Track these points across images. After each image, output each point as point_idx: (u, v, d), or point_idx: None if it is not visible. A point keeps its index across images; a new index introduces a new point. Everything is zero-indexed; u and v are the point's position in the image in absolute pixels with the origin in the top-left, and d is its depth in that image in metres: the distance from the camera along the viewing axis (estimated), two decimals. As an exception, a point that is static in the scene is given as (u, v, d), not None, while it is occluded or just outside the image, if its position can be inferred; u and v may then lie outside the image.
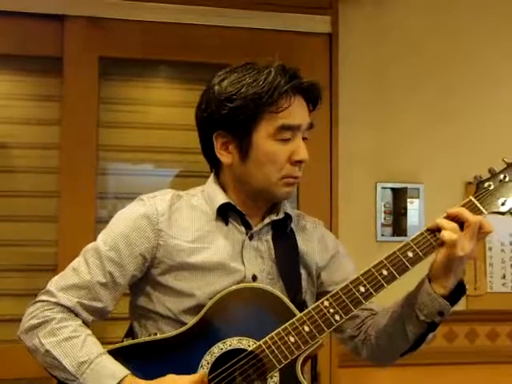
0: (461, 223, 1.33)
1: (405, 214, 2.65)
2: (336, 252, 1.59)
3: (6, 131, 2.52)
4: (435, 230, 1.35)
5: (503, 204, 1.36)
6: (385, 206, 2.69)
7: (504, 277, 2.75)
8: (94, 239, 1.45)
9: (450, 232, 1.31)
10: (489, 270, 2.74)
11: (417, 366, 2.62)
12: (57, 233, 2.47)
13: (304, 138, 1.44)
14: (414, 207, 2.65)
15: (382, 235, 2.66)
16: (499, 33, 2.82)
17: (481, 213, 1.36)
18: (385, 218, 2.68)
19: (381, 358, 1.54)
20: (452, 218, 1.34)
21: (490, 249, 2.74)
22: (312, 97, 1.46)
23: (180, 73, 2.70)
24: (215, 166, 1.51)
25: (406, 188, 2.67)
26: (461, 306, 2.63)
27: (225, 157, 1.44)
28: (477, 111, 2.76)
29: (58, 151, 2.50)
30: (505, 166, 1.38)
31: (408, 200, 2.66)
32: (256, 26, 2.58)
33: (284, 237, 1.51)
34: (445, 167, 2.68)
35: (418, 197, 2.67)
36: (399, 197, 2.69)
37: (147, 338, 1.39)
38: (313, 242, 1.56)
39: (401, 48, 2.74)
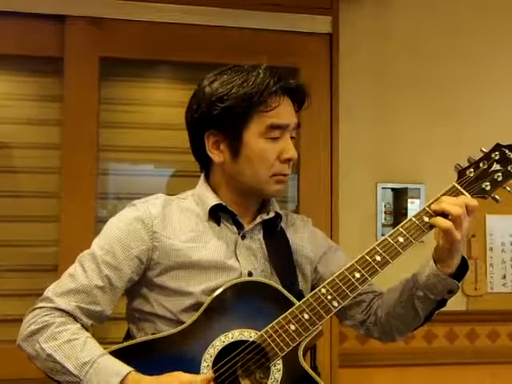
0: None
1: (405, 215, 2.64)
2: (329, 246, 1.64)
3: (7, 131, 2.52)
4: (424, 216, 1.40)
5: (484, 189, 1.42)
6: (385, 207, 2.69)
7: (504, 277, 2.75)
8: (94, 239, 1.46)
9: (443, 219, 1.36)
10: (489, 270, 2.74)
11: (417, 366, 2.63)
12: (58, 233, 2.46)
13: (292, 138, 1.48)
14: (414, 207, 2.65)
15: (383, 235, 2.65)
16: (499, 31, 2.82)
17: None
18: (385, 219, 2.69)
19: (393, 336, 1.58)
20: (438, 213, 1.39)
21: (491, 249, 2.75)
22: (298, 98, 1.50)
23: (181, 73, 2.70)
24: (206, 166, 1.54)
25: (407, 188, 2.68)
26: (461, 306, 2.67)
27: (216, 156, 1.47)
28: (478, 110, 2.77)
29: (58, 151, 2.50)
30: (482, 154, 1.44)
31: (409, 200, 2.66)
32: (256, 27, 2.59)
33: (275, 235, 1.54)
34: (445, 167, 2.66)
35: (418, 197, 2.67)
36: (400, 197, 2.69)
37: (148, 337, 1.40)
38: (303, 237, 1.60)
39: (401, 47, 2.74)
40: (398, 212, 2.69)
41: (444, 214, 1.37)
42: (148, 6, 2.52)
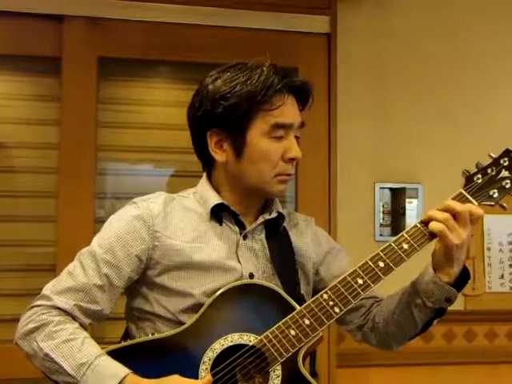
0: (453, 214, 1.35)
1: (403, 214, 2.65)
2: (331, 247, 1.62)
3: (5, 131, 2.52)
4: (428, 222, 1.38)
5: (492, 196, 1.40)
6: (383, 206, 2.70)
7: (502, 277, 2.75)
8: (93, 239, 1.45)
9: (436, 222, 1.34)
10: (487, 269, 2.74)
11: (415, 365, 2.63)
12: (56, 233, 2.46)
13: (296, 137, 1.46)
14: (412, 207, 2.66)
15: (381, 235, 2.67)
16: (497, 31, 2.82)
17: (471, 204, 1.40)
18: (383, 218, 2.69)
19: (390, 344, 1.56)
20: (443, 210, 1.37)
21: (489, 249, 2.75)
22: (303, 96, 1.48)
23: (179, 73, 2.70)
24: (208, 165, 1.52)
25: (405, 188, 2.68)
26: (459, 306, 2.67)
27: (219, 155, 1.45)
28: (475, 110, 2.77)
29: (56, 151, 2.50)
30: (491, 160, 1.42)
31: (407, 200, 2.66)
32: (255, 26, 2.59)
33: (277, 235, 1.52)
34: (443, 167, 2.68)
35: (416, 197, 2.67)
36: (398, 197, 2.69)
37: (147, 338, 1.38)
38: (306, 238, 1.58)
39: (399, 47, 2.74)
40: (396, 212, 2.69)
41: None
42: (146, 5, 2.52)
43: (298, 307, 1.37)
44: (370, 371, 2.60)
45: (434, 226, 1.34)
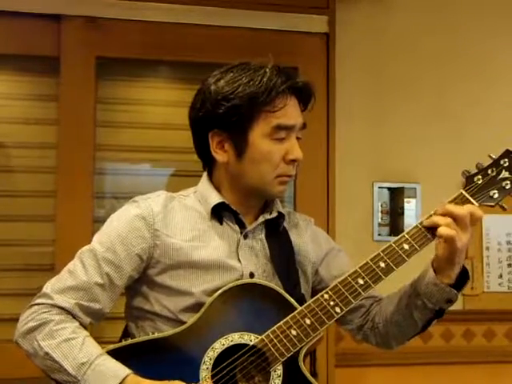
0: (454, 218, 1.36)
1: (402, 214, 2.65)
2: (331, 248, 1.62)
3: (3, 131, 2.52)
4: (429, 227, 1.38)
5: (492, 196, 1.41)
6: (382, 206, 2.70)
7: (501, 276, 2.76)
8: (92, 238, 1.45)
9: (445, 228, 1.34)
10: (485, 269, 2.75)
11: (413, 365, 2.63)
12: (54, 232, 2.46)
13: (297, 138, 1.46)
14: (411, 207, 2.66)
15: (379, 235, 2.67)
16: (496, 30, 2.82)
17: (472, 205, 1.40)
18: (382, 218, 2.69)
19: (390, 344, 1.57)
20: (444, 215, 1.37)
21: (487, 248, 2.75)
22: (305, 97, 1.48)
23: (178, 73, 2.70)
24: (209, 164, 1.53)
25: (403, 188, 2.68)
26: (457, 305, 2.64)
27: (220, 155, 1.45)
28: (474, 110, 2.77)
29: (55, 151, 2.49)
30: (491, 161, 1.43)
31: (405, 200, 2.66)
32: (254, 26, 2.58)
33: (277, 235, 1.53)
34: (442, 167, 2.69)
35: (414, 196, 2.67)
36: (396, 196, 2.69)
37: (147, 337, 1.39)
38: (306, 238, 1.59)
39: (398, 47, 2.74)
40: (394, 211, 2.69)
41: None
42: (145, 5, 2.51)
43: (298, 307, 1.37)
44: (369, 371, 2.61)
45: (443, 231, 1.34)
